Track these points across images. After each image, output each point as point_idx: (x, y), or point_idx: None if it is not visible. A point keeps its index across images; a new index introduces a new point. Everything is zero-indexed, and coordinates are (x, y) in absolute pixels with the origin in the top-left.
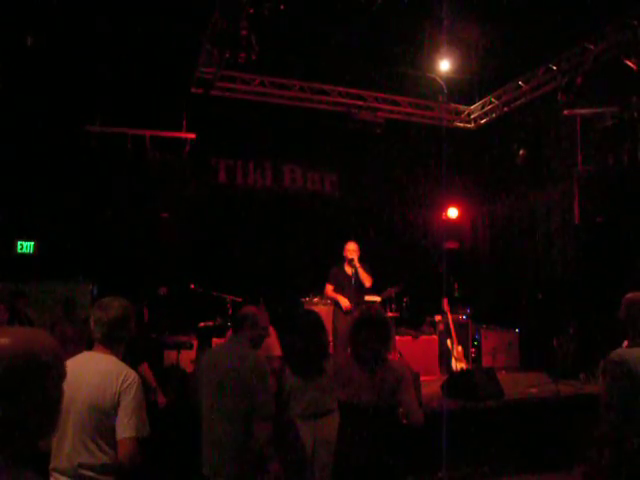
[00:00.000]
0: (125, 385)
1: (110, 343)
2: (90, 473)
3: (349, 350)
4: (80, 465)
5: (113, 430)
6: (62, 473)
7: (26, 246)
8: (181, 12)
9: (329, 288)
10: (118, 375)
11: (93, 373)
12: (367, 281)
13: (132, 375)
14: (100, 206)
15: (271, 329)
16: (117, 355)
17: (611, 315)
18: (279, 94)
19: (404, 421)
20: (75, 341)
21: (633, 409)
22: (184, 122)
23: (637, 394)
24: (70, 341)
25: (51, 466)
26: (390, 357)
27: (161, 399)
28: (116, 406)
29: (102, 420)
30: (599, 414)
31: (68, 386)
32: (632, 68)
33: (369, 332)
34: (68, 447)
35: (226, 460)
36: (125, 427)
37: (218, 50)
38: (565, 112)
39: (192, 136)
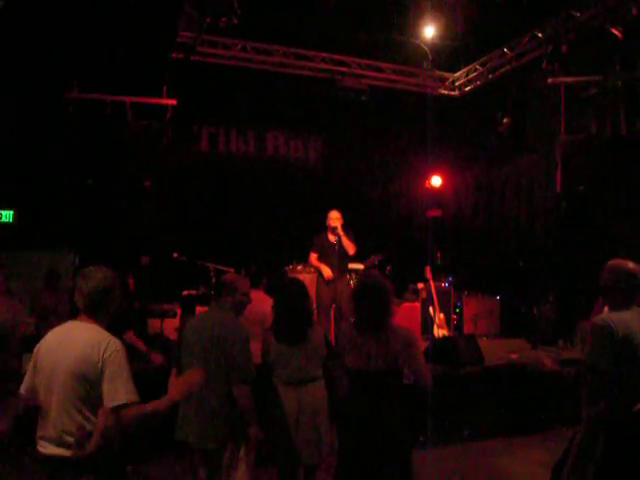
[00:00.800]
0: (109, 353)
1: (93, 313)
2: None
3: (352, 317)
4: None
5: (97, 399)
6: (48, 441)
7: (5, 215)
8: None
9: (313, 256)
10: (100, 343)
11: (76, 342)
12: (350, 249)
13: (116, 343)
14: (81, 174)
15: (268, 300)
16: (102, 324)
17: (590, 283)
18: (262, 60)
19: (406, 381)
20: (57, 311)
21: (612, 370)
22: (165, 88)
23: (616, 355)
24: (52, 311)
25: (38, 434)
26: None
27: (156, 358)
28: (100, 375)
29: (86, 389)
30: (581, 377)
31: (51, 355)
32: (617, 36)
33: (370, 298)
34: (53, 415)
35: (207, 424)
36: (115, 395)
37: (199, 14)
38: (549, 80)
39: (173, 102)
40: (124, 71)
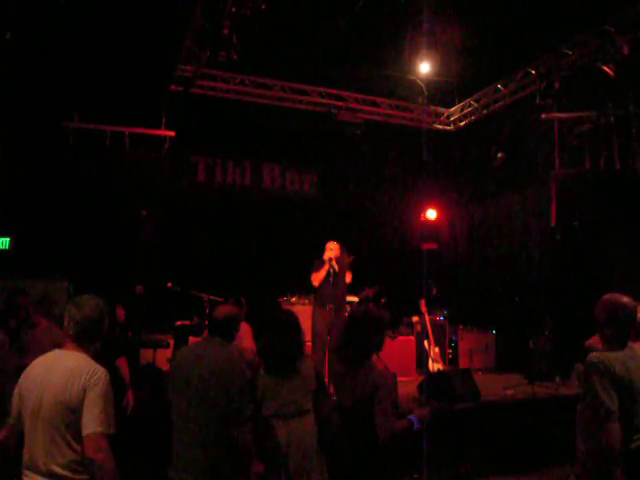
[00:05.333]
0: (92, 381)
1: (81, 341)
2: (62, 471)
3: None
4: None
5: (79, 426)
6: (33, 471)
7: (1, 242)
8: (162, 9)
9: (314, 276)
10: (86, 371)
11: (62, 370)
12: (346, 276)
13: (100, 371)
14: (77, 203)
15: (244, 324)
16: (88, 353)
17: (585, 317)
18: (259, 93)
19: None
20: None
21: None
22: (163, 120)
23: (618, 393)
24: None
25: (23, 464)
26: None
27: (131, 398)
28: (82, 402)
29: (69, 417)
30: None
31: (37, 384)
32: (609, 74)
33: (357, 333)
34: (38, 444)
35: (202, 462)
36: (92, 422)
37: (199, 48)
38: (543, 116)
39: (171, 134)
40: (124, 102)
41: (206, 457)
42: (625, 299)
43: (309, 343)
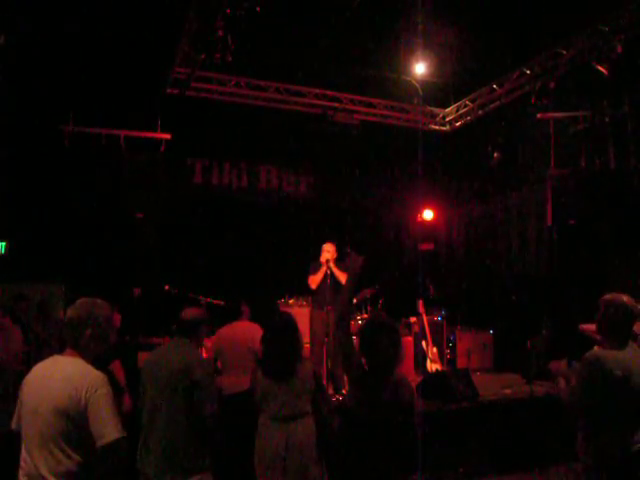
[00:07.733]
0: (93, 390)
1: (76, 345)
2: None
3: (362, 359)
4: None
5: (78, 435)
6: (30, 478)
7: None
8: (157, 11)
9: (311, 279)
10: (84, 379)
11: (59, 377)
12: (343, 278)
13: (98, 377)
14: (73, 206)
15: (255, 327)
16: (86, 358)
17: (583, 316)
18: (255, 95)
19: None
20: (48, 344)
21: (606, 409)
22: (159, 122)
23: (610, 394)
24: (44, 344)
25: (21, 472)
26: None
27: (127, 402)
28: (83, 412)
29: (67, 425)
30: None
31: (35, 391)
32: (603, 73)
33: (383, 342)
34: (35, 452)
35: (166, 457)
36: (104, 432)
37: (194, 50)
38: (539, 116)
39: (167, 136)
40: (119, 105)
41: (166, 450)
42: (624, 298)
43: (307, 345)
